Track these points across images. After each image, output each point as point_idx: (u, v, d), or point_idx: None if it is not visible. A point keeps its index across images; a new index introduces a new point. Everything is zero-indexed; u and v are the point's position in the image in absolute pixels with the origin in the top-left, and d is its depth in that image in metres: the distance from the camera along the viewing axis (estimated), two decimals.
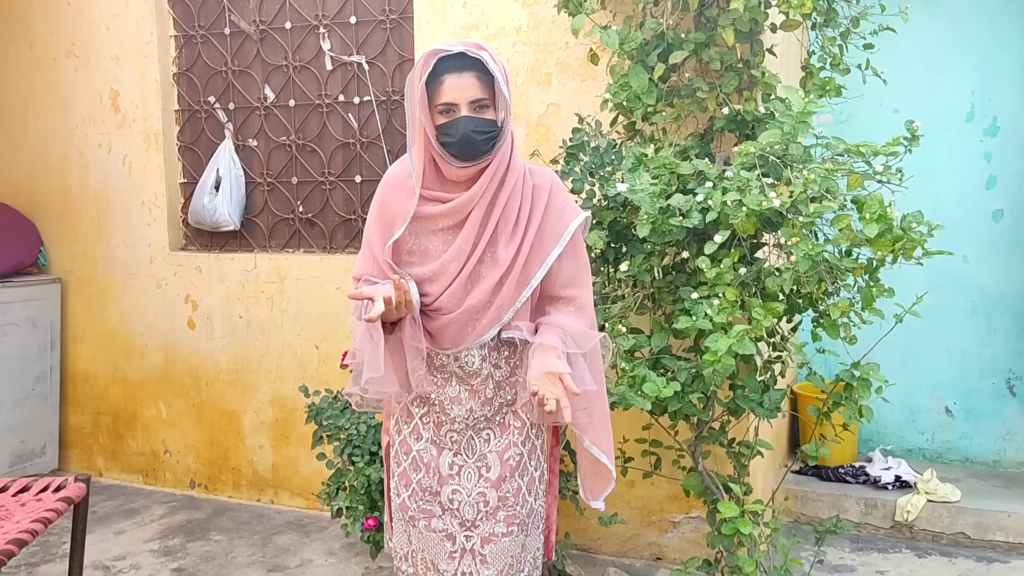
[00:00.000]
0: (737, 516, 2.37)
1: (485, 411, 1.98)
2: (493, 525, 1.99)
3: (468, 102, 1.79)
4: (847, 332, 2.45)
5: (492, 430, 2.00)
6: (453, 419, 1.98)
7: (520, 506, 2.01)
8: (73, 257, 4.46)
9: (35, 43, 4.41)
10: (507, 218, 1.88)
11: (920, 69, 3.96)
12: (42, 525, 2.51)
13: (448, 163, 1.84)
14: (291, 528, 3.78)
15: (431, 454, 2.01)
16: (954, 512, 3.47)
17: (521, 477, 2.02)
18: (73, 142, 4.38)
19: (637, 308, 2.72)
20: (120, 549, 3.57)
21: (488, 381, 1.96)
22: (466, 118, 1.79)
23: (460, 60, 1.79)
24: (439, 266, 1.88)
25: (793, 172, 2.31)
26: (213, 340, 4.12)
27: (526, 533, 2.04)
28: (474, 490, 1.99)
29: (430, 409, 2.01)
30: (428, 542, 2.02)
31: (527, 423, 2.01)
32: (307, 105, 3.93)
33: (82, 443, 4.57)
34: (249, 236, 4.12)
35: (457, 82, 1.78)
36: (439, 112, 1.81)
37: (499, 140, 1.84)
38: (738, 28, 2.60)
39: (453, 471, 2.00)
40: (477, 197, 1.85)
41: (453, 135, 1.79)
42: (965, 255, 3.95)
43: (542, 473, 2.09)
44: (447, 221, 1.88)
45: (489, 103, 1.81)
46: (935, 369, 4.06)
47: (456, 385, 1.98)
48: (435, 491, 2.00)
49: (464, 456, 2.00)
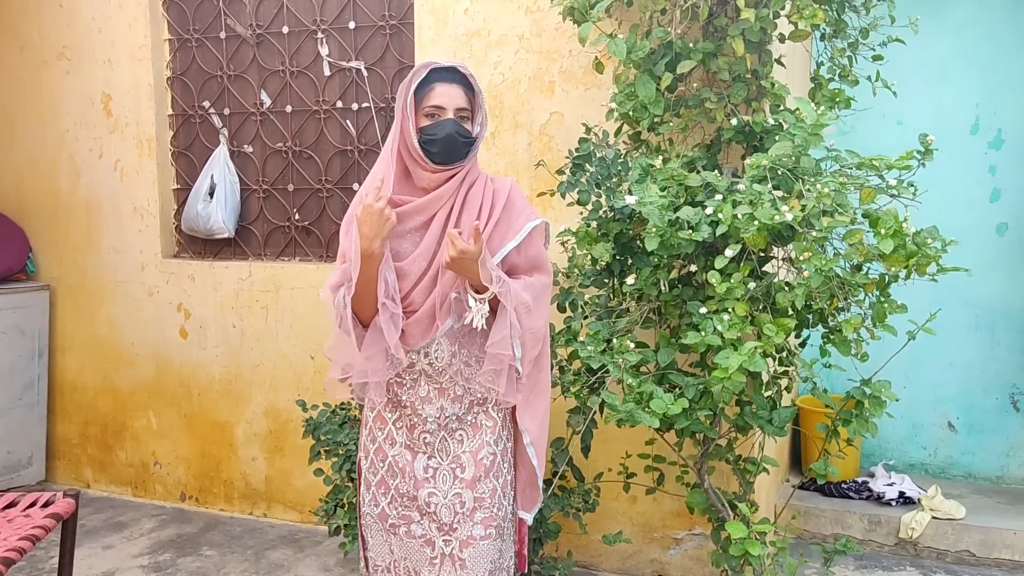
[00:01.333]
0: (746, 537, 2.31)
1: (456, 409, 2.06)
2: (471, 527, 2.05)
3: (455, 108, 2.01)
4: (859, 348, 2.40)
5: (464, 431, 2.08)
6: (425, 419, 2.05)
7: (497, 508, 2.08)
8: (62, 264, 4.38)
9: (25, 45, 4.32)
10: (469, 218, 2.02)
11: (924, 81, 3.93)
12: (30, 543, 2.43)
13: (424, 166, 2.00)
14: (285, 543, 3.70)
15: (406, 459, 2.08)
16: (959, 529, 3.43)
17: (496, 478, 2.09)
18: (63, 146, 4.30)
19: (644, 322, 2.66)
20: (108, 565, 3.48)
21: (457, 377, 2.05)
22: (452, 120, 1.99)
23: (451, 73, 2.03)
24: (407, 264, 2.01)
25: (805, 185, 2.26)
26: (206, 349, 4.04)
27: (502, 539, 2.11)
28: (450, 492, 2.06)
29: (402, 413, 2.08)
30: (409, 549, 2.08)
31: (499, 422, 2.11)
32: (304, 111, 3.86)
33: (70, 454, 4.48)
34: (244, 244, 4.05)
35: (447, 90, 2.01)
36: (425, 115, 2.00)
37: (473, 149, 2.05)
38: (748, 38, 2.55)
39: (428, 474, 2.07)
40: (445, 197, 2.02)
41: (437, 135, 1.97)
42: (969, 269, 3.89)
43: (513, 477, 2.17)
44: (416, 220, 2.02)
45: (470, 116, 2.05)
46: (938, 383, 4.02)
47: (425, 385, 2.05)
48: (412, 496, 2.06)
49: (438, 458, 2.07)
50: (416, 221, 2.03)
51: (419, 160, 2.00)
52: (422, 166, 2.01)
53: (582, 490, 2.82)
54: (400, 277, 2.01)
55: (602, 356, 2.34)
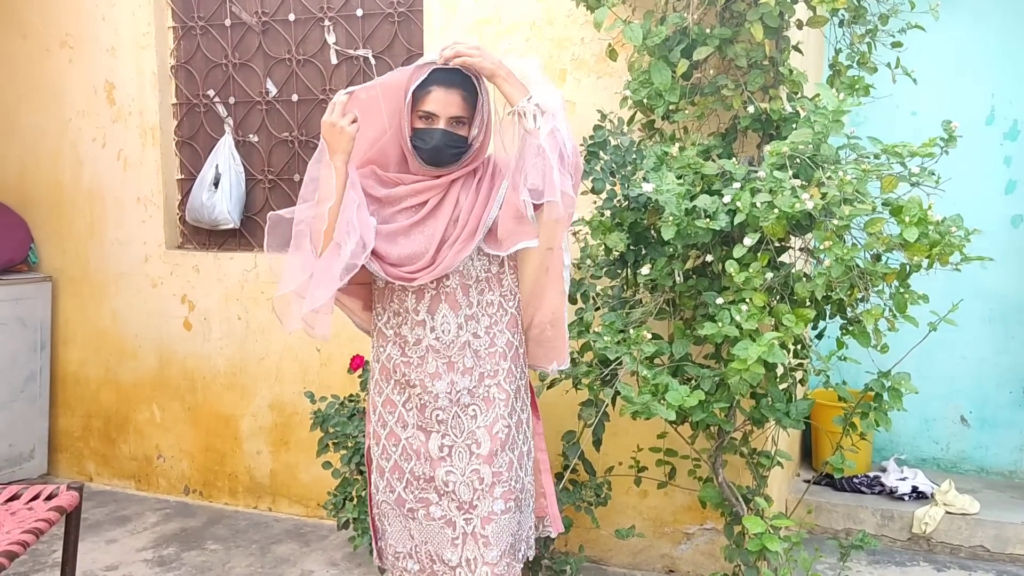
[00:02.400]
0: (764, 531, 2.26)
1: (466, 382, 2.03)
2: (491, 503, 2.02)
3: (448, 116, 1.95)
4: (879, 340, 2.35)
5: (477, 405, 2.05)
6: (436, 396, 2.02)
7: (515, 481, 2.07)
8: (65, 255, 4.33)
9: (28, 33, 4.27)
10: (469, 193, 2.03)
11: (939, 71, 3.87)
12: (33, 536, 2.39)
13: (416, 162, 2.01)
14: (290, 537, 3.66)
15: (420, 440, 2.04)
16: (973, 524, 3.38)
17: (512, 451, 2.07)
18: (66, 136, 4.25)
19: (658, 313, 2.62)
20: (112, 559, 3.44)
21: (465, 350, 2.03)
22: (442, 131, 1.95)
23: (452, 75, 1.95)
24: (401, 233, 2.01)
25: (825, 173, 2.21)
26: (210, 342, 3.99)
27: (521, 510, 2.09)
28: (467, 468, 2.03)
29: (411, 393, 2.05)
30: (429, 532, 2.05)
31: (511, 395, 2.08)
32: (311, 100, 3.81)
33: (72, 447, 4.43)
34: (249, 235, 4.00)
35: (443, 96, 1.94)
36: (419, 116, 1.96)
37: (466, 155, 2.00)
38: (767, 23, 2.50)
39: (444, 452, 2.03)
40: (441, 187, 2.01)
41: (427, 143, 1.95)
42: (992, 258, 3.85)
43: (529, 449, 2.15)
44: (410, 202, 2.01)
45: (467, 121, 1.98)
46: (951, 377, 3.97)
47: (433, 361, 2.02)
48: (429, 477, 2.03)
49: (452, 436, 2.04)
50: (410, 202, 2.03)
51: (412, 156, 2.00)
52: (415, 162, 2.01)
53: (594, 484, 2.78)
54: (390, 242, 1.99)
55: (618, 347, 2.29)
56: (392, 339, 2.07)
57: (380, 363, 2.13)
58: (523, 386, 2.15)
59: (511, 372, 2.09)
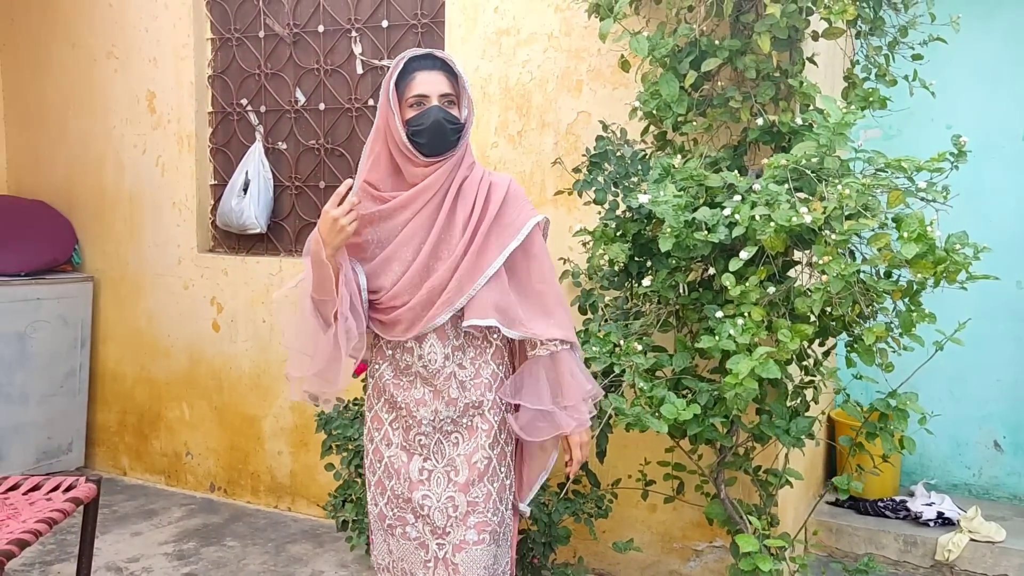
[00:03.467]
0: (756, 551, 2.22)
1: (451, 412, 2.02)
2: (464, 532, 2.00)
3: (439, 95, 1.94)
4: (883, 358, 2.30)
5: (460, 433, 2.04)
6: (420, 421, 2.01)
7: (492, 514, 2.03)
8: (106, 256, 4.49)
9: (77, 43, 4.45)
10: (463, 209, 1.97)
11: (974, 84, 3.77)
12: (46, 525, 2.47)
13: (414, 160, 1.94)
14: (305, 537, 3.72)
15: (401, 460, 2.04)
16: (998, 553, 3.26)
17: (491, 482, 2.04)
18: (110, 142, 4.41)
19: (661, 325, 2.60)
20: (135, 551, 3.54)
21: (451, 380, 2.01)
22: (437, 107, 1.93)
23: (430, 60, 1.97)
24: (391, 250, 1.97)
25: (828, 187, 2.18)
26: (236, 343, 4.09)
27: (497, 544, 2.05)
28: (443, 495, 2.01)
29: (398, 414, 2.05)
30: (405, 551, 2.06)
31: (495, 426, 2.05)
32: (337, 109, 3.89)
33: (108, 441, 4.58)
34: (276, 240, 4.09)
35: (429, 77, 1.95)
36: (410, 105, 1.94)
37: (463, 136, 1.98)
38: (775, 35, 2.47)
39: (423, 476, 2.03)
40: (434, 188, 1.95)
41: (424, 123, 1.91)
42: (1019, 280, 3.74)
43: (512, 483, 2.11)
44: (403, 215, 1.97)
45: (455, 101, 1.98)
46: (984, 400, 3.84)
47: (420, 387, 2.02)
48: (407, 497, 2.03)
49: (433, 460, 2.04)
50: (403, 216, 1.97)
51: (409, 155, 1.94)
52: (412, 161, 1.94)
53: (595, 495, 2.76)
54: (382, 267, 1.98)
55: (608, 357, 2.28)
56: (388, 359, 2.07)
57: (374, 379, 2.13)
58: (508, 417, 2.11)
59: (496, 403, 2.06)
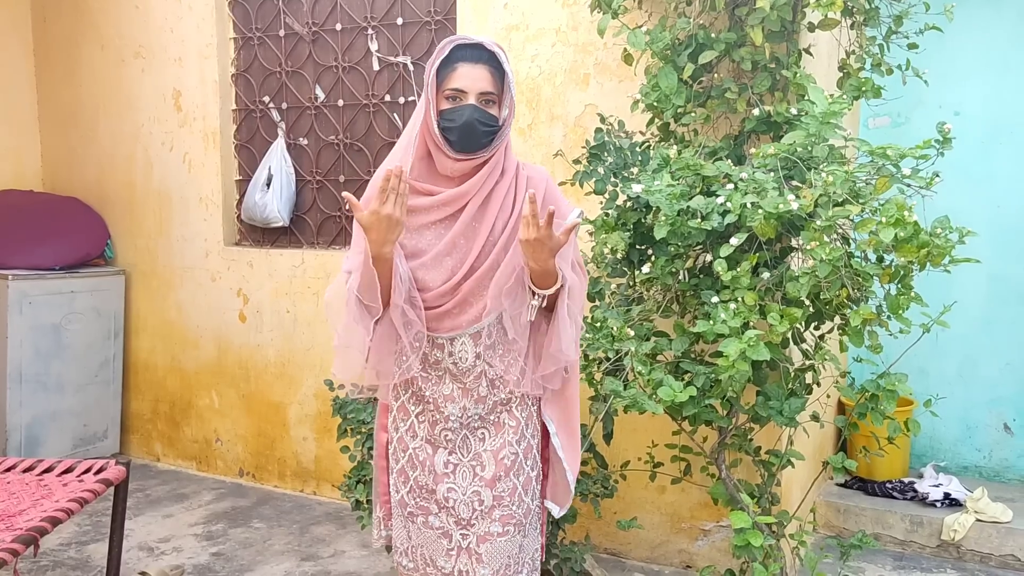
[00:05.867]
0: (749, 527, 2.31)
1: (479, 409, 1.98)
2: (489, 524, 1.98)
3: (478, 92, 1.83)
4: (873, 340, 2.37)
5: (487, 429, 2.00)
6: (447, 417, 1.97)
7: (516, 506, 2.01)
8: (137, 250, 4.66)
9: (105, 45, 4.62)
10: (503, 213, 1.90)
11: (983, 69, 3.79)
12: (78, 504, 2.62)
13: (445, 154, 1.85)
14: (329, 519, 3.87)
15: (426, 452, 2.01)
16: (1004, 533, 3.31)
17: (517, 476, 2.01)
18: (139, 140, 4.58)
19: (662, 311, 2.69)
20: (166, 532, 3.71)
21: (481, 379, 1.96)
22: (472, 107, 1.82)
23: (476, 51, 1.84)
24: (432, 260, 1.89)
25: (815, 175, 2.25)
26: (262, 333, 4.24)
27: (523, 534, 2.03)
28: (468, 489, 1.98)
29: (425, 408, 2.01)
30: (426, 538, 2.03)
31: (522, 422, 2.02)
32: (355, 105, 4.01)
33: (142, 429, 4.77)
34: (298, 233, 4.23)
35: (471, 71, 1.83)
36: (446, 98, 1.84)
37: (498, 137, 1.87)
38: (769, 28, 2.54)
39: (448, 469, 1.99)
40: (473, 191, 1.87)
41: (456, 120, 1.82)
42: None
43: (539, 473, 2.08)
44: (438, 214, 1.88)
45: (495, 100, 1.85)
46: (994, 383, 3.88)
47: (450, 383, 1.97)
48: (431, 489, 2.00)
49: (459, 455, 2.00)
50: (440, 214, 1.89)
51: (440, 146, 1.85)
52: (444, 152, 1.85)
53: (601, 476, 2.86)
54: (423, 274, 1.89)
55: (601, 341, 2.37)
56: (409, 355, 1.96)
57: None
58: (535, 412, 2.08)
59: (523, 399, 2.03)
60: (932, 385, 3.82)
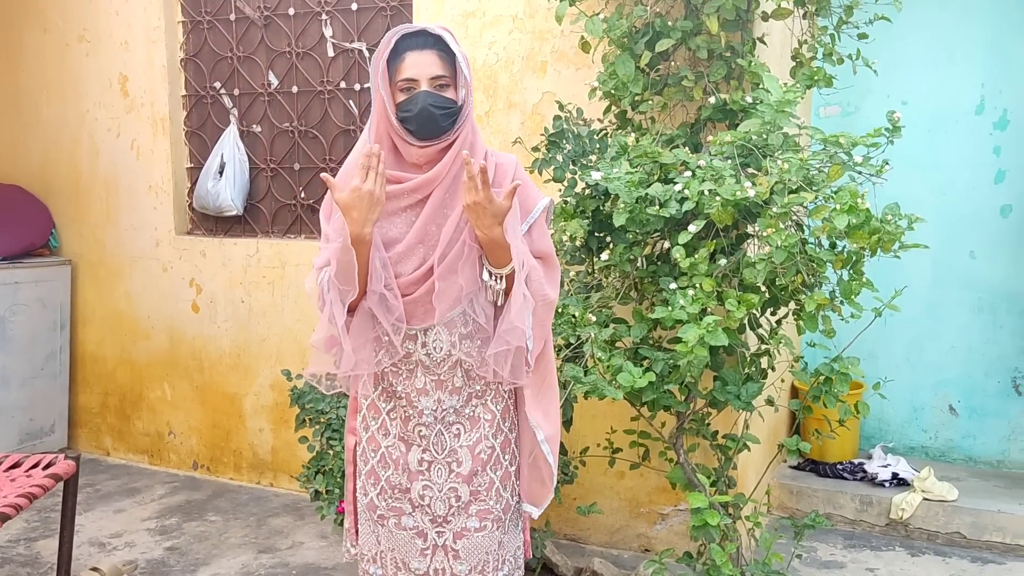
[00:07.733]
0: (705, 507, 2.35)
1: (453, 402, 1.94)
2: (465, 520, 1.95)
3: (428, 78, 1.81)
4: (827, 325, 2.42)
5: (462, 424, 1.96)
6: (421, 412, 1.94)
7: (494, 501, 1.97)
8: (83, 240, 4.55)
9: (48, 28, 4.48)
10: None
11: (929, 60, 3.88)
12: (27, 500, 2.57)
13: (408, 143, 1.84)
14: (287, 511, 3.83)
15: (399, 451, 1.97)
16: (950, 511, 3.42)
17: (494, 471, 1.98)
18: (84, 126, 4.46)
19: (621, 298, 2.71)
20: (117, 527, 3.64)
21: (456, 369, 1.93)
22: (425, 92, 1.80)
23: (422, 38, 1.83)
24: (404, 248, 1.86)
25: (770, 162, 2.28)
26: (216, 324, 4.18)
27: (503, 530, 2.00)
28: (445, 485, 1.95)
29: (396, 404, 1.97)
30: (398, 541, 1.99)
31: (498, 415, 1.98)
32: (309, 91, 3.96)
33: (91, 423, 4.66)
34: (252, 221, 4.17)
35: (418, 58, 1.82)
36: (400, 90, 1.83)
37: (459, 119, 1.85)
38: (724, 16, 2.57)
39: (423, 467, 1.96)
40: (440, 177, 1.85)
41: (412, 110, 1.81)
42: (972, 251, 3.87)
43: (517, 468, 2.04)
44: (407, 200, 1.87)
45: (450, 82, 1.84)
46: (939, 366, 3.99)
47: (422, 376, 1.93)
48: (404, 488, 1.97)
49: (433, 452, 1.96)
50: (410, 199, 1.87)
51: (403, 137, 1.84)
52: (407, 142, 1.85)
53: (561, 462, 2.88)
54: (395, 263, 1.87)
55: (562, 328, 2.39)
56: (385, 345, 1.93)
57: None
58: (511, 405, 2.04)
59: (499, 392, 1.99)
60: (880, 368, 3.90)
